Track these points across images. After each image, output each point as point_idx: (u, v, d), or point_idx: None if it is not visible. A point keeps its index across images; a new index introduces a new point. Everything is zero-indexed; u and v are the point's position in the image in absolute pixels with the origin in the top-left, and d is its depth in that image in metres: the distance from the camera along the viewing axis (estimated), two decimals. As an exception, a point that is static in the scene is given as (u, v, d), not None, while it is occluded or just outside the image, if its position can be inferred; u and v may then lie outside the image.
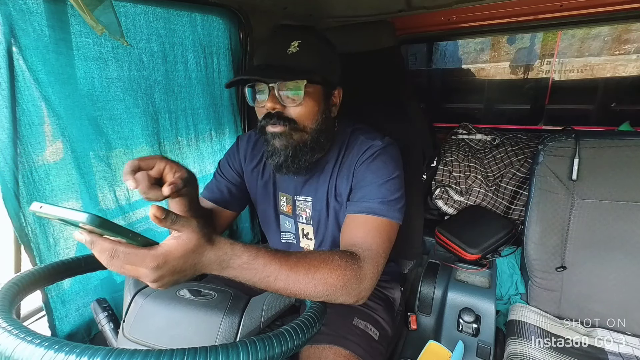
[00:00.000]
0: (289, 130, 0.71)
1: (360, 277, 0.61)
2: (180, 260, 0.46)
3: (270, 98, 0.69)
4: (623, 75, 1.94)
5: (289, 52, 0.69)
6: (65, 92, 0.73)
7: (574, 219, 1.03)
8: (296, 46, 0.69)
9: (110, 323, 0.66)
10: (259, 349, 0.41)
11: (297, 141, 0.72)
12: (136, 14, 0.85)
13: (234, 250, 0.50)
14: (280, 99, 0.69)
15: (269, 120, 0.71)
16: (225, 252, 0.50)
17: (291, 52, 0.69)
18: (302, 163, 0.75)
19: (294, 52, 0.68)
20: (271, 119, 0.71)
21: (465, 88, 2.37)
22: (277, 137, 0.72)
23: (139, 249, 0.43)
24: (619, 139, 0.99)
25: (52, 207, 0.38)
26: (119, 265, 0.43)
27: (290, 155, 0.73)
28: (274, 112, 0.70)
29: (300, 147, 0.73)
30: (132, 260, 0.43)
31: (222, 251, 0.49)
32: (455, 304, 1.10)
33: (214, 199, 0.89)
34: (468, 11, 1.37)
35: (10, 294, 0.48)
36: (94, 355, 0.35)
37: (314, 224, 0.87)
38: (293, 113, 0.71)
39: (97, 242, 0.42)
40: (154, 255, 0.43)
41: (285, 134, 0.71)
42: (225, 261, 0.50)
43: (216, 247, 0.49)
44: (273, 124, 0.71)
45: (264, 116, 0.72)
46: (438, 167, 1.58)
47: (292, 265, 0.55)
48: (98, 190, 0.84)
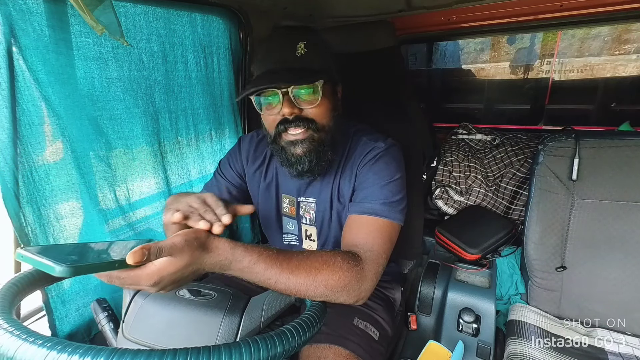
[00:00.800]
0: (312, 132, 0.70)
1: (361, 278, 0.61)
2: (177, 274, 0.46)
3: (286, 103, 0.68)
4: (623, 75, 1.94)
5: (298, 54, 0.68)
6: (65, 92, 0.73)
7: (574, 219, 1.03)
8: (303, 47, 0.68)
9: (110, 323, 0.66)
10: (261, 349, 0.41)
11: (318, 142, 0.72)
12: (136, 14, 0.85)
13: (234, 254, 0.51)
14: (296, 103, 0.68)
15: (287, 126, 0.70)
16: (225, 257, 0.50)
17: (300, 54, 0.68)
18: (325, 163, 0.75)
19: (303, 54, 0.68)
20: (291, 124, 0.69)
21: (465, 88, 2.37)
22: (298, 144, 0.71)
23: (132, 271, 0.44)
24: (619, 139, 0.99)
25: (33, 255, 0.37)
26: (119, 285, 0.45)
27: (314, 159, 0.72)
28: (291, 117, 0.69)
29: (322, 148, 0.73)
30: (128, 282, 0.44)
31: (221, 256, 0.50)
32: (455, 304, 1.10)
33: None
34: (468, 11, 1.37)
35: (10, 294, 0.48)
36: (96, 355, 0.35)
37: (317, 225, 0.87)
38: (311, 114, 0.70)
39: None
40: (148, 275, 0.44)
41: (307, 138, 0.70)
42: (226, 265, 0.50)
43: (214, 253, 0.49)
44: (294, 128, 0.70)
45: (280, 122, 0.70)
46: (438, 167, 1.58)
47: (293, 268, 0.55)
48: (98, 190, 0.84)
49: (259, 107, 0.72)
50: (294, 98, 0.68)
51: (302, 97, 0.68)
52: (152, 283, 0.44)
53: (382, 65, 1.21)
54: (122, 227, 0.91)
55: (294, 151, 0.72)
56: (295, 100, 0.68)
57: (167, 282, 0.46)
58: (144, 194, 0.97)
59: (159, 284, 0.45)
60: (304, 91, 0.68)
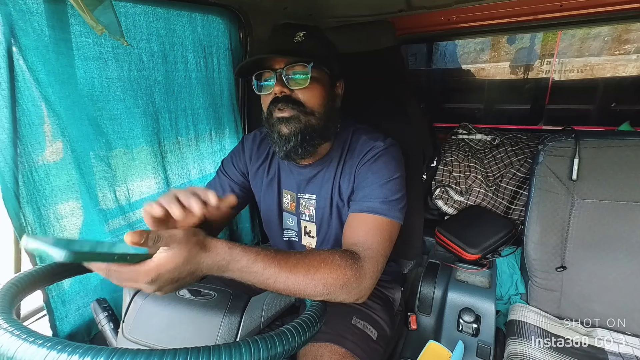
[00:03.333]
0: (297, 113, 0.72)
1: (361, 276, 0.61)
2: (175, 272, 0.46)
3: (278, 82, 0.71)
4: (623, 75, 1.94)
5: (295, 40, 0.72)
6: (65, 92, 0.73)
7: (574, 219, 1.03)
8: (301, 36, 0.72)
9: (110, 323, 0.66)
10: (261, 349, 0.41)
11: (306, 125, 0.73)
12: (136, 14, 0.85)
13: (232, 254, 0.50)
14: (287, 83, 0.71)
15: (276, 105, 0.72)
16: (223, 257, 0.50)
17: (297, 41, 0.72)
18: (312, 148, 0.76)
19: (300, 41, 0.72)
20: (279, 103, 0.72)
21: (465, 88, 2.37)
22: (284, 122, 0.72)
23: (130, 266, 0.44)
24: (619, 139, 0.99)
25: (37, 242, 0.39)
26: (117, 281, 0.45)
27: (299, 140, 0.73)
28: (281, 96, 0.71)
29: (309, 132, 0.74)
30: (126, 278, 0.44)
31: (219, 257, 0.49)
32: (455, 304, 1.10)
33: None
34: (468, 11, 1.37)
35: (10, 294, 0.48)
36: (96, 355, 0.35)
37: (317, 221, 0.88)
38: (301, 96, 0.72)
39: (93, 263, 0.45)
40: (146, 271, 0.44)
41: (293, 117, 0.72)
42: (224, 266, 0.50)
43: (212, 252, 0.49)
44: (280, 108, 0.72)
45: (271, 101, 0.73)
46: (438, 167, 1.58)
47: (291, 267, 0.55)
48: (98, 190, 0.84)
49: (258, 89, 0.76)
50: (286, 80, 0.71)
51: (293, 79, 0.72)
52: (150, 280, 0.44)
53: (382, 65, 1.21)
54: (122, 227, 0.90)
55: (280, 129, 0.73)
56: (287, 81, 0.71)
57: (165, 280, 0.45)
58: (144, 194, 0.97)
59: (156, 282, 0.45)
60: (296, 74, 0.71)
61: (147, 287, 0.45)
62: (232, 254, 0.50)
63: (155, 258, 0.45)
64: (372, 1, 1.16)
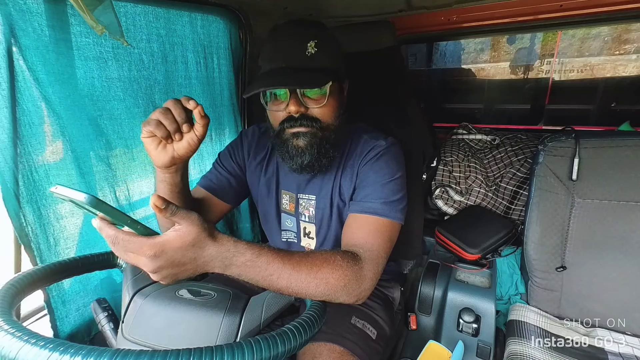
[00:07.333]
0: (314, 130, 0.71)
1: (361, 277, 0.61)
2: (179, 252, 0.46)
3: (293, 101, 0.68)
4: (623, 75, 1.94)
5: (308, 53, 0.68)
6: (65, 92, 0.73)
7: (574, 219, 1.03)
8: (313, 46, 0.68)
9: (110, 323, 0.66)
10: (263, 349, 0.41)
11: (321, 139, 0.72)
12: (136, 14, 0.85)
13: (237, 247, 0.50)
14: (302, 101, 0.69)
15: (292, 124, 0.70)
16: (228, 249, 0.50)
17: (310, 54, 0.68)
18: (326, 160, 0.75)
19: (313, 54, 0.68)
20: (296, 122, 0.70)
21: (465, 88, 2.37)
22: (300, 136, 0.71)
23: (138, 237, 0.44)
24: (619, 139, 0.99)
25: (65, 189, 0.41)
26: (121, 251, 0.45)
27: (315, 153, 0.72)
28: (297, 115, 0.69)
29: (324, 145, 0.73)
30: (131, 248, 0.44)
31: (224, 248, 0.49)
32: (455, 304, 1.10)
33: (211, 188, 0.87)
34: (468, 11, 1.37)
35: (9, 295, 0.48)
36: (99, 357, 0.35)
37: (317, 222, 0.87)
38: (317, 113, 0.71)
39: (104, 228, 0.44)
40: (152, 244, 0.44)
41: (309, 133, 0.71)
42: (228, 258, 0.50)
43: (218, 243, 0.49)
44: (298, 127, 0.70)
45: (284, 120, 0.71)
46: (438, 167, 1.58)
47: (294, 264, 0.55)
48: (98, 190, 0.84)
49: (265, 101, 0.73)
50: (301, 97, 0.69)
51: (309, 96, 0.70)
52: (153, 254, 0.44)
53: (382, 65, 1.21)
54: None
55: (296, 143, 0.72)
56: (302, 99, 0.69)
57: (167, 259, 0.45)
58: (144, 193, 0.97)
59: (159, 259, 0.44)
60: (313, 92, 0.69)
61: (148, 262, 0.45)
62: (237, 247, 0.50)
63: (164, 234, 0.46)
64: (372, 1, 1.16)
